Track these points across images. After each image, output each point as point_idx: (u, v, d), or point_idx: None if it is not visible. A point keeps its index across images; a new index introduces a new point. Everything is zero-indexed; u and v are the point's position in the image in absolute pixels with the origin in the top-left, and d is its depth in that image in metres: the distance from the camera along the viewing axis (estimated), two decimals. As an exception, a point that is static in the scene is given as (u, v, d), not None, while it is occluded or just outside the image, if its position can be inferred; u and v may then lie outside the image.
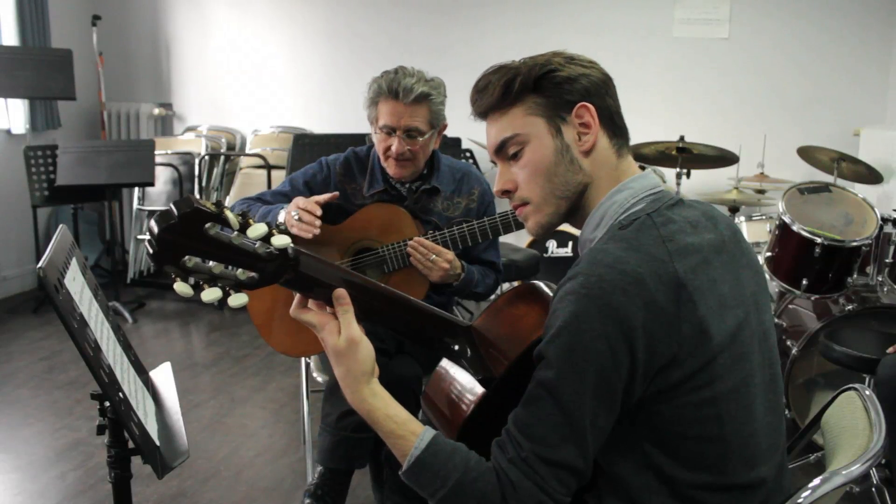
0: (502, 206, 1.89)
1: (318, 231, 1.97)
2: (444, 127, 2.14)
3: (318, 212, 1.99)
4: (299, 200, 2.02)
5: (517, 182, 1.16)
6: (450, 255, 2.05)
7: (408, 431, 1.06)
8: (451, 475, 1.02)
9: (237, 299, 1.00)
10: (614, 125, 1.15)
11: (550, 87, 1.12)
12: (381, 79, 2.05)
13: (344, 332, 1.07)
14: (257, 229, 0.96)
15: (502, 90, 1.13)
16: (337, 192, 2.09)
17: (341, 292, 1.08)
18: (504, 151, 1.16)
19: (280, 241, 0.98)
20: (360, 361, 1.08)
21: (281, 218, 2.02)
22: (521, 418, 1.02)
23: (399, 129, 2.04)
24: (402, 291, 1.17)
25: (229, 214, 0.94)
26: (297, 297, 1.11)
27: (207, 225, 0.93)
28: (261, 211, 2.12)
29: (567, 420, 0.98)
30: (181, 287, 0.96)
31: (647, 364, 0.98)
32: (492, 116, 1.17)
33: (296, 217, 1.97)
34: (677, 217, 1.08)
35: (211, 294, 0.98)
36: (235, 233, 0.95)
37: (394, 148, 2.05)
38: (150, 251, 0.94)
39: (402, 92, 2.00)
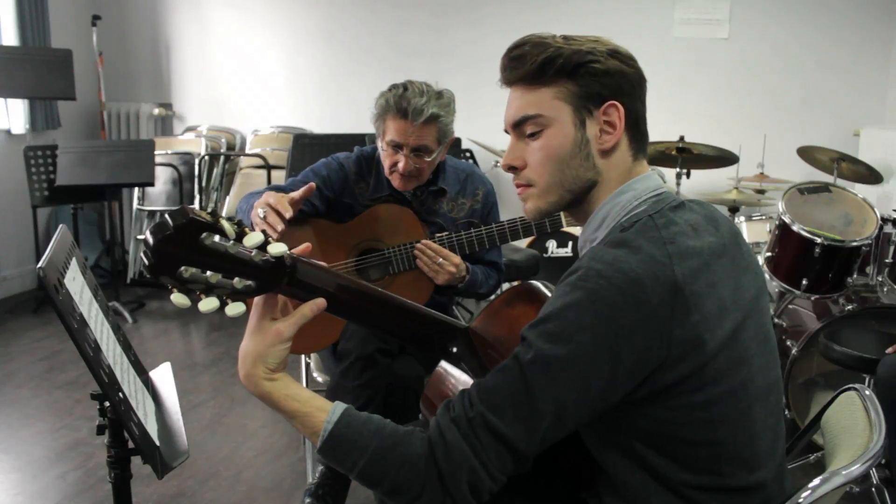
0: (505, 208, 1.89)
1: (276, 234, 1.86)
2: (452, 140, 2.11)
3: (288, 215, 1.89)
4: (270, 197, 1.92)
5: (527, 161, 1.13)
6: (456, 258, 2.05)
7: (313, 408, 1.03)
8: (368, 445, 0.99)
9: (234, 308, 0.99)
10: (637, 130, 1.14)
11: (587, 77, 1.09)
12: (390, 94, 2.02)
13: (280, 324, 1.03)
14: (253, 238, 0.96)
15: (539, 67, 1.09)
16: (313, 185, 1.99)
17: (321, 303, 1.05)
18: (521, 128, 1.13)
19: (276, 248, 0.97)
20: (269, 353, 1.03)
21: (259, 214, 1.92)
22: (485, 383, 1.00)
23: (406, 147, 2.02)
24: (407, 293, 1.17)
25: (225, 224, 0.94)
26: None
27: (203, 235, 0.92)
28: (251, 201, 2.04)
29: (529, 400, 0.97)
30: (178, 298, 0.96)
31: (631, 365, 0.97)
32: (519, 88, 1.13)
33: (262, 215, 1.89)
34: (679, 220, 1.07)
35: (208, 304, 0.97)
36: (231, 242, 0.95)
37: (400, 166, 2.03)
38: (147, 263, 0.93)
39: (412, 113, 1.96)
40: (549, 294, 1.22)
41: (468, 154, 4.55)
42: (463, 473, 0.97)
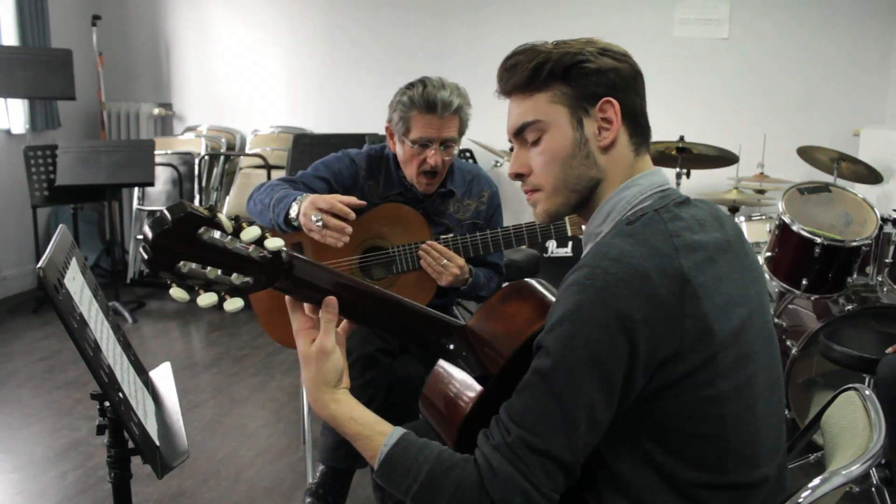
0: (509, 210, 1.88)
1: (347, 239, 1.88)
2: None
3: (351, 216, 1.89)
4: (319, 201, 1.89)
5: (531, 167, 1.16)
6: (460, 260, 2.05)
7: (374, 432, 1.07)
8: (423, 468, 1.01)
9: (232, 304, 1.00)
10: (636, 123, 1.14)
11: (579, 78, 1.11)
12: (411, 92, 2.02)
13: (318, 342, 1.08)
14: (250, 232, 0.96)
15: (531, 73, 1.12)
16: (364, 202, 2.00)
17: (331, 300, 1.07)
18: (523, 135, 1.15)
19: (273, 243, 0.98)
20: (326, 372, 1.09)
21: (293, 212, 1.93)
22: (513, 405, 1.01)
23: (436, 142, 2.03)
24: (410, 293, 1.18)
25: (222, 218, 0.95)
26: None
27: (201, 230, 0.93)
28: (277, 195, 2.00)
29: (560, 409, 0.97)
30: (177, 293, 0.97)
31: (648, 358, 0.98)
32: (516, 97, 1.16)
33: (318, 223, 1.87)
34: (685, 214, 1.08)
35: (207, 299, 0.98)
36: (229, 237, 0.95)
37: (431, 161, 2.03)
38: (145, 257, 0.94)
39: (441, 105, 1.98)
40: (543, 291, 1.22)
41: (468, 154, 4.55)
42: (516, 497, 0.97)
